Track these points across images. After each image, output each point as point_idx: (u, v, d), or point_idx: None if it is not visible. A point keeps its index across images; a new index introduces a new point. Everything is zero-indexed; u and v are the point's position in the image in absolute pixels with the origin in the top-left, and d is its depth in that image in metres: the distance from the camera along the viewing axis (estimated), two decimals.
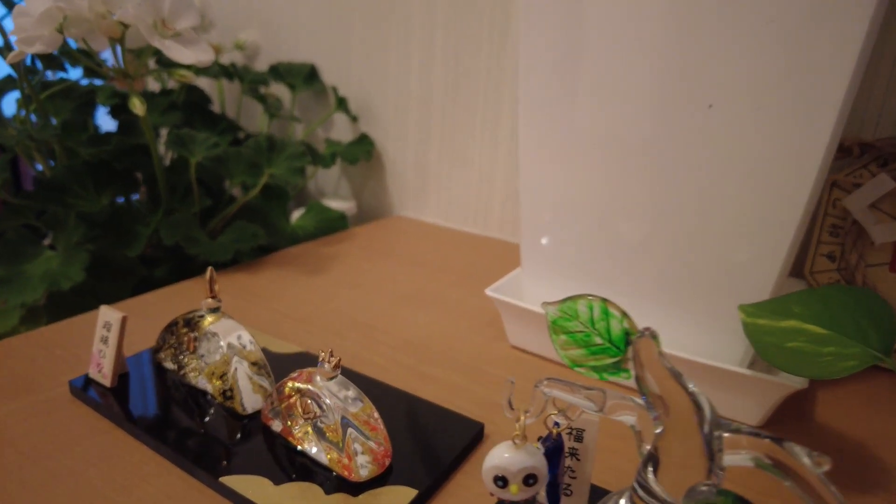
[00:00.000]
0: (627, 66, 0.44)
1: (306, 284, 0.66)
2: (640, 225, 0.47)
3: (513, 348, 0.55)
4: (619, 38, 0.43)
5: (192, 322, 0.44)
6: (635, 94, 0.44)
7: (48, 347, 0.50)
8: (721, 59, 0.40)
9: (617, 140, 0.46)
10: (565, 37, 0.46)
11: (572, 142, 0.48)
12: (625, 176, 0.46)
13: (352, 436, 0.36)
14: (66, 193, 0.71)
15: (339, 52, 0.92)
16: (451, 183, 0.88)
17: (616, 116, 0.45)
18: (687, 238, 0.45)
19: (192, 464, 0.37)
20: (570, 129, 0.48)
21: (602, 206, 0.49)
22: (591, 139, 0.47)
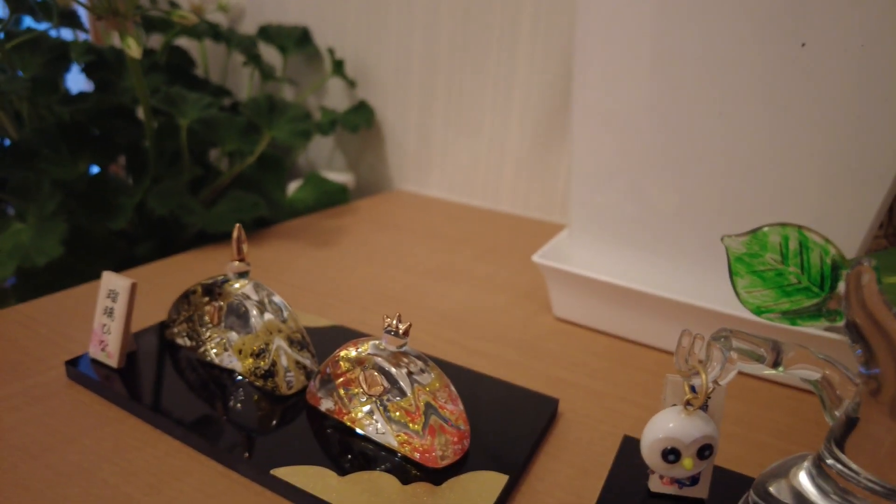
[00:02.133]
0: (698, 23, 0.39)
1: (318, 258, 0.59)
2: (707, 185, 0.43)
3: (558, 320, 0.50)
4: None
5: (214, 290, 0.37)
6: (704, 51, 0.39)
7: (29, 325, 0.43)
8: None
9: (682, 100, 0.41)
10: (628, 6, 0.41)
11: (632, 103, 0.43)
12: (694, 135, 0.42)
13: (431, 414, 0.30)
14: (36, 158, 0.63)
15: (332, 10, 0.85)
16: (457, 153, 0.82)
17: (681, 76, 0.41)
18: (759, 199, 0.41)
19: (232, 455, 0.30)
20: (630, 93, 0.43)
21: (662, 167, 0.44)
22: (650, 100, 0.42)
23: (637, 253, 0.48)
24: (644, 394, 0.41)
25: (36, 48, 0.64)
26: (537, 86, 0.74)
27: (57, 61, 0.64)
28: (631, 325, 0.47)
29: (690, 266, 0.46)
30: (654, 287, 0.44)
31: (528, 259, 0.63)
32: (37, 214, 0.60)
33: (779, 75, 0.38)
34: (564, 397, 0.39)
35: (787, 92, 0.38)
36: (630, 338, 0.48)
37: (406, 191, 0.87)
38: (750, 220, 0.42)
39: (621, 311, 0.47)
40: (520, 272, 0.59)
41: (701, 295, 0.43)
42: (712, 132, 0.41)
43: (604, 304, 0.47)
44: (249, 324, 0.35)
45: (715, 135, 0.41)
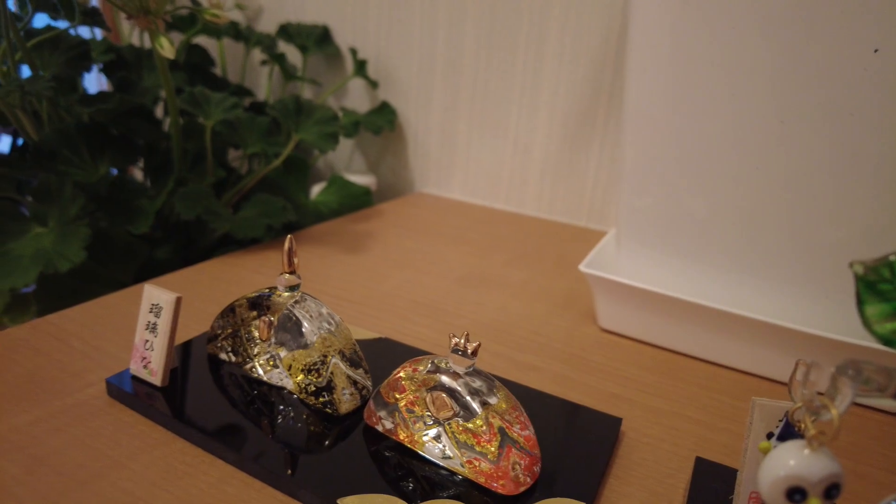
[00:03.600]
0: (760, 27, 0.37)
1: (350, 264, 0.57)
2: (761, 198, 0.41)
3: (604, 331, 0.49)
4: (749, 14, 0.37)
5: (262, 304, 0.36)
6: (764, 56, 0.38)
7: (61, 338, 0.41)
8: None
9: (742, 106, 0.40)
10: (686, 13, 0.39)
11: (689, 110, 0.42)
12: (754, 142, 0.40)
13: (503, 438, 0.28)
14: (56, 160, 0.61)
15: (352, 9, 0.83)
16: (481, 155, 0.80)
17: (741, 82, 0.39)
18: (820, 209, 0.40)
19: (294, 482, 0.29)
20: (686, 99, 0.41)
21: (718, 175, 0.42)
22: (707, 106, 0.41)
23: (686, 262, 0.46)
24: (700, 410, 0.39)
25: (56, 47, 0.62)
26: (565, 88, 0.72)
27: (77, 60, 0.62)
28: (680, 337, 0.46)
29: (741, 277, 0.44)
30: (706, 298, 0.43)
31: (561, 265, 0.61)
32: (58, 218, 0.58)
33: (847, 82, 0.37)
34: (621, 414, 0.38)
35: (855, 99, 0.37)
36: (677, 349, 0.46)
37: (428, 193, 0.86)
38: (809, 231, 0.41)
39: (672, 324, 0.45)
40: (554, 278, 0.58)
41: (752, 307, 0.42)
42: (773, 139, 0.40)
43: (654, 315, 0.45)
44: (302, 339, 0.34)
45: (776, 142, 0.40)
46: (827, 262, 0.41)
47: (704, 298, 0.43)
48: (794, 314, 0.41)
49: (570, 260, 0.63)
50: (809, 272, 0.42)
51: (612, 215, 0.74)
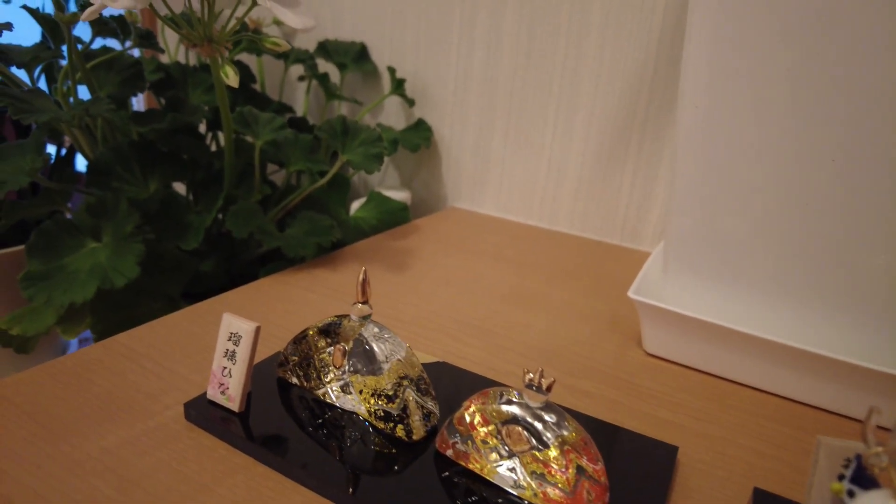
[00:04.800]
0: (837, 51, 0.38)
1: (396, 282, 0.59)
2: (809, 224, 0.42)
3: (649, 356, 0.50)
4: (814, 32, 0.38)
5: (333, 331, 0.37)
6: (825, 85, 0.39)
7: (133, 358, 0.42)
8: None
9: (792, 140, 0.41)
10: (748, 31, 0.40)
11: (744, 136, 0.43)
12: (800, 173, 0.41)
13: (576, 470, 0.29)
14: (111, 177, 0.63)
15: (389, 27, 0.85)
16: (514, 172, 0.82)
17: (794, 117, 0.40)
18: (862, 236, 0.41)
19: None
20: (742, 125, 0.42)
21: (767, 203, 0.43)
22: (763, 133, 0.42)
23: (734, 288, 0.47)
24: (751, 437, 0.40)
25: (111, 67, 0.64)
26: (602, 108, 0.73)
27: (132, 80, 0.64)
28: (727, 364, 0.47)
29: (789, 304, 0.45)
30: (754, 325, 0.44)
31: (601, 284, 0.62)
32: (112, 234, 0.60)
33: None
34: (674, 440, 0.39)
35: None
36: (723, 375, 0.47)
37: (460, 208, 0.87)
38: (857, 258, 0.42)
39: (720, 351, 0.46)
40: (596, 299, 0.59)
41: (801, 335, 0.43)
42: (824, 168, 0.41)
43: (702, 342, 0.46)
44: (375, 366, 0.35)
45: (827, 171, 0.41)
46: (876, 290, 0.42)
47: (753, 325, 0.44)
48: (841, 343, 0.42)
49: (610, 280, 0.64)
50: (858, 300, 0.43)
51: (646, 234, 0.75)
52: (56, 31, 0.62)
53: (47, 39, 0.84)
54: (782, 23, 0.39)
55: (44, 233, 0.61)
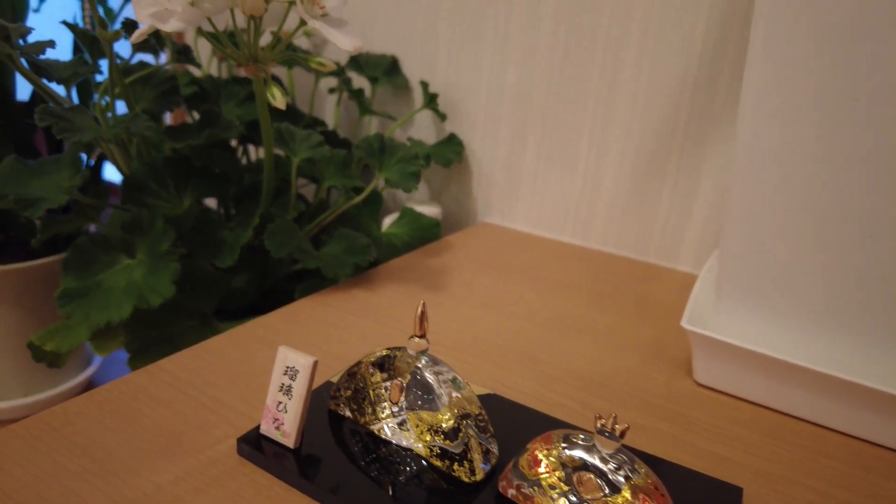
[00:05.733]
0: None
1: (435, 304, 0.58)
2: (873, 254, 0.41)
3: (699, 386, 0.49)
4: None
5: (387, 365, 0.36)
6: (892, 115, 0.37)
7: (177, 386, 0.42)
8: None
9: (861, 162, 0.40)
10: (822, 40, 0.39)
11: (805, 162, 0.41)
12: (869, 200, 0.40)
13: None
14: (145, 193, 0.62)
15: (422, 42, 0.84)
16: (547, 188, 0.81)
17: (869, 138, 0.39)
18: None
19: None
20: (809, 142, 0.41)
21: (829, 232, 0.42)
22: (821, 168, 0.41)
23: (792, 320, 0.46)
24: (811, 476, 0.39)
25: (147, 82, 0.63)
26: (638, 125, 0.72)
27: (167, 95, 0.63)
28: (781, 397, 0.45)
29: (852, 338, 0.44)
30: (810, 357, 0.43)
31: (642, 308, 0.61)
32: (148, 252, 0.59)
33: None
34: (734, 479, 0.38)
35: None
36: (777, 408, 0.46)
37: (491, 223, 0.86)
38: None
39: (775, 383, 0.45)
40: (639, 324, 0.58)
41: (861, 370, 0.42)
42: (888, 199, 0.39)
43: (757, 374, 0.45)
44: (433, 402, 0.34)
45: (890, 202, 0.39)
46: None
47: (810, 357, 0.43)
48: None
49: (651, 302, 0.63)
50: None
51: (682, 253, 0.74)
52: (94, 46, 0.62)
53: (81, 52, 0.84)
54: (851, 45, 0.38)
55: (78, 249, 0.61)
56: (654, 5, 0.68)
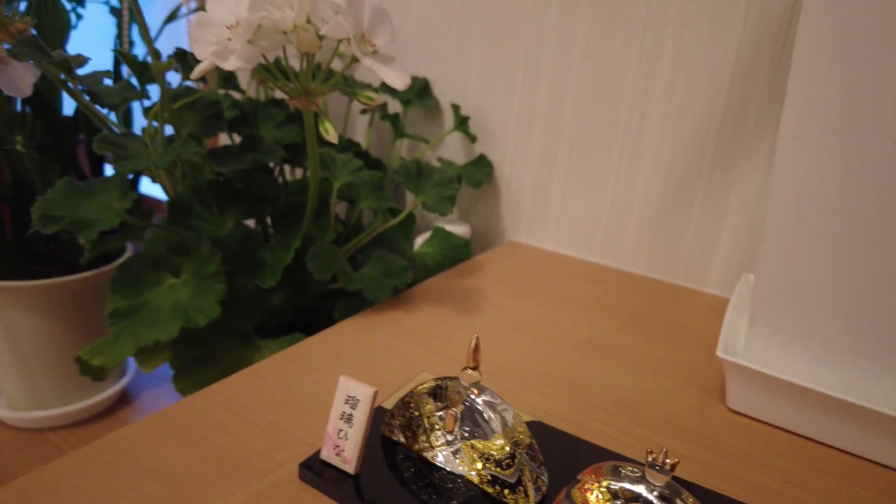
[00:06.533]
0: None
1: (470, 327, 0.59)
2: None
3: (732, 412, 0.50)
4: None
5: (440, 394, 0.38)
6: None
7: (233, 409, 0.43)
8: None
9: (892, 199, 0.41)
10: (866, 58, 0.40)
11: (846, 184, 0.43)
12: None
13: None
14: (190, 215, 0.64)
15: (454, 64, 0.86)
16: (575, 209, 0.82)
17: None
18: None
19: None
20: (844, 172, 0.42)
21: (867, 265, 0.43)
22: (861, 200, 0.42)
23: (828, 350, 0.47)
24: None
25: (192, 106, 0.66)
26: (668, 150, 0.73)
27: (212, 119, 0.65)
28: (819, 427, 0.46)
29: (889, 369, 0.45)
30: (846, 389, 0.44)
31: (672, 331, 0.62)
32: (194, 272, 0.61)
33: None
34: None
35: None
36: (811, 437, 0.47)
37: (518, 242, 0.87)
38: None
39: (810, 413, 0.46)
40: (670, 348, 0.59)
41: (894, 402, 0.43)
42: None
43: (791, 403, 0.46)
44: (487, 432, 0.36)
45: None
46: None
47: (844, 387, 0.44)
48: None
49: (681, 326, 0.64)
50: None
51: (711, 275, 0.75)
52: (143, 72, 0.64)
53: (118, 69, 0.86)
54: (890, 78, 0.39)
55: (125, 268, 0.63)
56: (686, 33, 0.69)
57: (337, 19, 0.44)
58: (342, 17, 0.44)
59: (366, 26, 0.47)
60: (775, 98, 0.66)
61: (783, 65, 0.65)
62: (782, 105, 0.66)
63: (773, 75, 0.66)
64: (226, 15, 0.45)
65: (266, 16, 0.43)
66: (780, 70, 0.66)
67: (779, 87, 0.66)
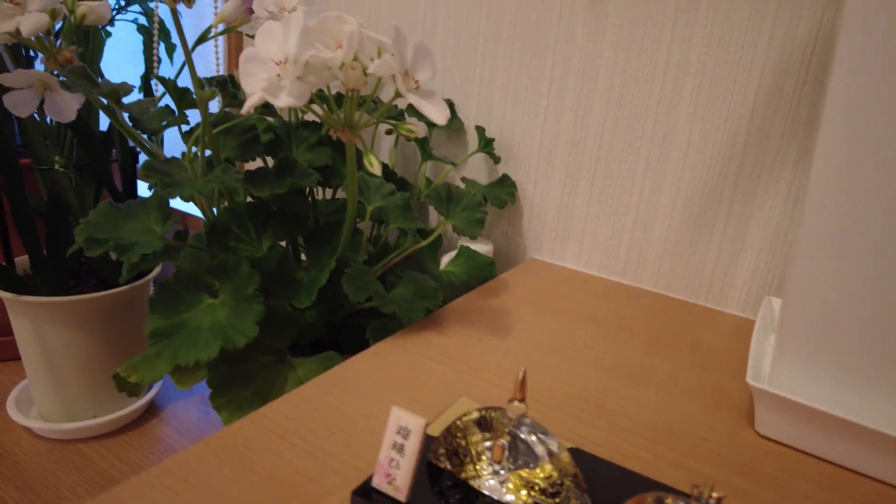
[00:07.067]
0: None
1: (502, 349, 0.61)
2: None
3: (762, 437, 0.51)
4: None
5: (486, 424, 0.39)
6: None
7: (283, 436, 0.45)
8: None
9: None
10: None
11: (881, 212, 0.44)
12: None
13: None
14: (228, 237, 0.66)
15: (479, 87, 0.88)
16: (598, 229, 0.84)
17: None
18: None
19: None
20: (879, 199, 0.44)
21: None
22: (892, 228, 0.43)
23: (859, 378, 0.48)
24: None
25: (230, 131, 0.67)
26: (690, 173, 0.75)
27: (249, 144, 0.67)
28: (850, 456, 0.48)
29: None
30: (876, 417, 0.45)
31: (697, 353, 0.64)
32: (232, 294, 0.63)
33: None
34: None
35: None
36: (844, 464, 0.48)
37: (541, 260, 0.89)
38: None
39: (845, 443, 0.47)
40: (696, 371, 0.60)
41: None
42: None
43: (826, 433, 0.48)
44: (534, 461, 0.37)
45: None
46: None
47: (876, 416, 0.45)
48: None
49: (705, 349, 0.65)
50: None
51: (732, 296, 0.76)
52: (184, 98, 0.66)
53: (150, 90, 0.88)
54: None
55: (164, 288, 0.64)
56: (709, 61, 0.71)
57: (384, 58, 0.45)
58: (389, 56, 0.46)
59: (409, 63, 0.48)
60: (797, 126, 0.68)
61: (805, 93, 0.67)
62: (804, 133, 0.67)
63: (796, 104, 0.67)
64: (274, 51, 0.47)
65: (315, 54, 0.44)
66: (802, 99, 0.67)
67: (801, 115, 0.67)
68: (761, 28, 0.68)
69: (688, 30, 0.72)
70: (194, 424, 0.98)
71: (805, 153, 0.68)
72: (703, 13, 0.70)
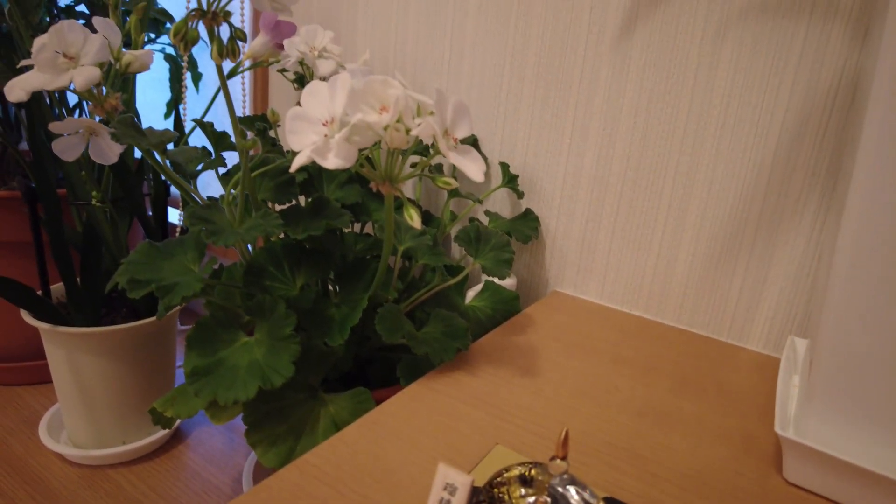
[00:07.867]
0: None
1: (532, 391, 0.62)
2: None
3: (790, 485, 0.52)
4: None
5: (527, 481, 0.41)
6: None
7: (330, 484, 0.46)
8: None
9: None
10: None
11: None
12: None
13: None
14: (263, 276, 0.68)
15: (503, 124, 0.90)
16: (621, 265, 0.85)
17: None
18: None
19: None
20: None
21: None
22: None
23: (890, 431, 0.49)
24: None
25: (266, 172, 0.69)
26: (712, 212, 0.76)
27: (285, 186, 0.69)
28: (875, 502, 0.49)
29: None
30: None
31: (723, 395, 0.65)
32: (268, 333, 0.65)
33: None
34: None
35: None
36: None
37: (563, 293, 0.90)
38: None
39: (872, 493, 0.48)
40: (722, 414, 0.61)
41: None
42: None
43: (853, 483, 0.49)
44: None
45: None
46: None
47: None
48: None
49: (731, 390, 0.66)
50: None
51: (753, 333, 0.77)
52: (220, 141, 0.68)
53: (180, 120, 0.90)
54: None
55: (202, 326, 0.66)
56: (733, 102, 0.72)
57: (427, 119, 0.47)
58: (431, 118, 0.47)
59: (449, 122, 0.50)
60: (820, 167, 0.69)
61: (829, 136, 0.68)
62: (826, 174, 0.69)
63: (819, 146, 0.69)
64: (321, 111, 0.49)
65: (362, 118, 0.46)
66: (825, 142, 0.68)
67: (824, 157, 0.69)
68: (784, 72, 0.69)
69: (711, 72, 0.74)
70: (220, 451, 0.99)
71: (828, 193, 0.70)
72: (727, 56, 0.72)
